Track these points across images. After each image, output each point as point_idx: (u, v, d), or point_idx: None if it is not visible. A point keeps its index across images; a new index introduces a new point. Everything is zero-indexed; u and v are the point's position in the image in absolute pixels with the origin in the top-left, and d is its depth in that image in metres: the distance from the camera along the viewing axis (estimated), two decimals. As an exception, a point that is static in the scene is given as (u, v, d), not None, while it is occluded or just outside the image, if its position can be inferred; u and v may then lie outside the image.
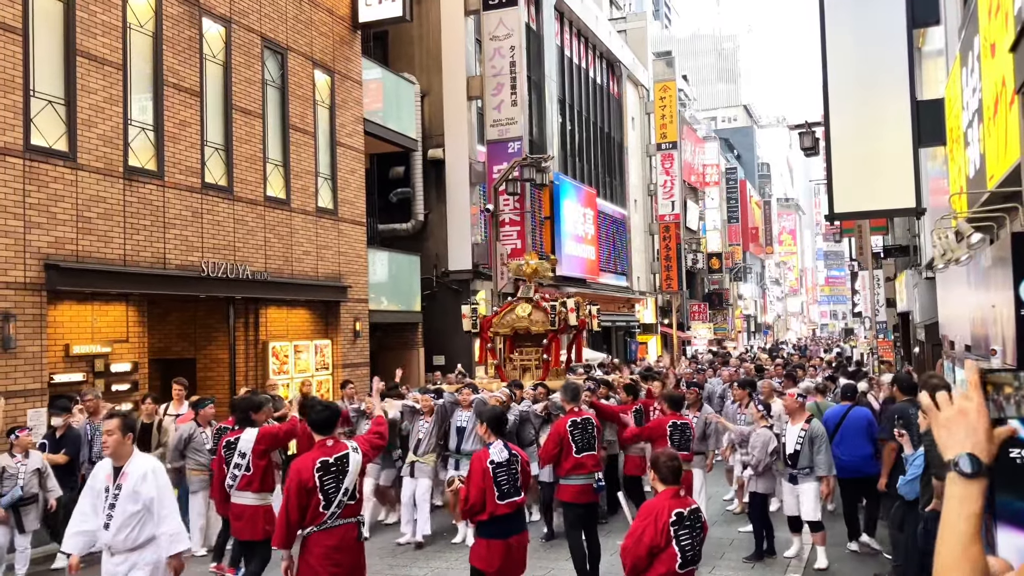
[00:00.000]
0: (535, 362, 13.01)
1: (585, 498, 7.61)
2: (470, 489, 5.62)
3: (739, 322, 56.61)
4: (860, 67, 9.68)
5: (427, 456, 9.67)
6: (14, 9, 9.88)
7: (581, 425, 7.70)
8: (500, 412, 6.18)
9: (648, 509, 4.72)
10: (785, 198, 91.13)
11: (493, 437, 5.88)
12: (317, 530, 5.10)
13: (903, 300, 18.22)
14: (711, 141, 51.64)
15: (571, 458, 7.56)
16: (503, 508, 5.63)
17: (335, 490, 5.15)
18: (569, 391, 8.01)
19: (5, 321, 9.48)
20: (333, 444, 5.30)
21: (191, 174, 12.48)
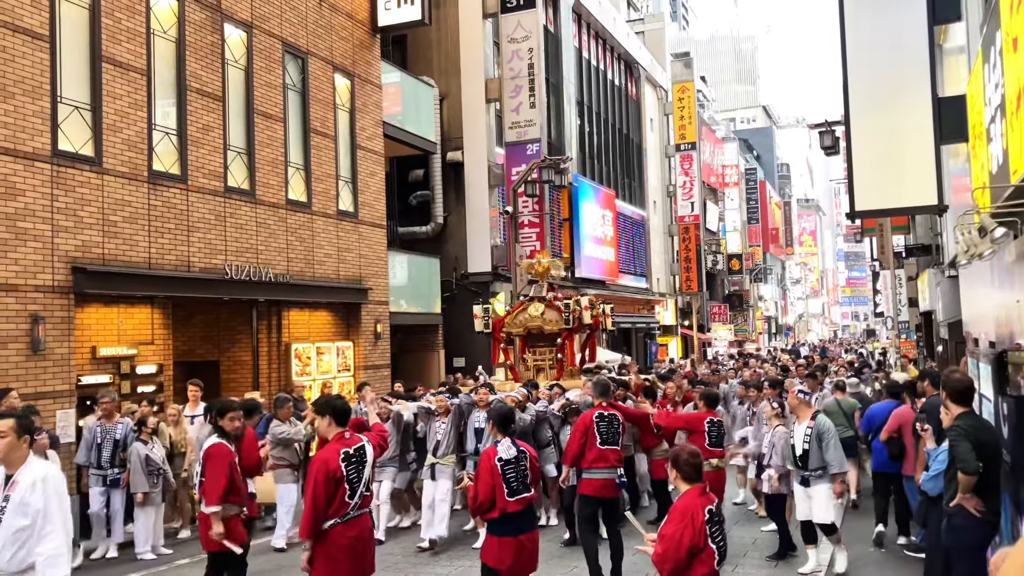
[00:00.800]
0: (549, 362, 12.82)
1: (607, 492, 7.59)
2: (479, 487, 5.63)
3: (760, 324, 56.35)
4: (880, 65, 9.65)
5: (447, 457, 9.56)
6: (41, 16, 10.05)
7: (607, 419, 7.71)
8: (507, 410, 6.16)
9: (682, 511, 4.53)
10: (805, 199, 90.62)
11: (500, 435, 5.87)
12: (340, 522, 5.16)
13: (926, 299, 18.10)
14: (730, 142, 51.47)
15: (595, 449, 7.57)
16: (514, 505, 5.61)
17: (358, 480, 5.27)
18: (599, 387, 8.00)
19: (34, 323, 9.64)
20: (350, 436, 5.42)
21: (214, 178, 12.62)
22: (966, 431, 5.25)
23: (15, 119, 9.65)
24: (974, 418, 5.51)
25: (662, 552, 4.46)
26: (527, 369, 12.92)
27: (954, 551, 5.39)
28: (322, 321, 15.65)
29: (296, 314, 15.01)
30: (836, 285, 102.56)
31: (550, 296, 13.03)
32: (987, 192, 7.12)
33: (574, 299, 12.77)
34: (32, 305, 9.67)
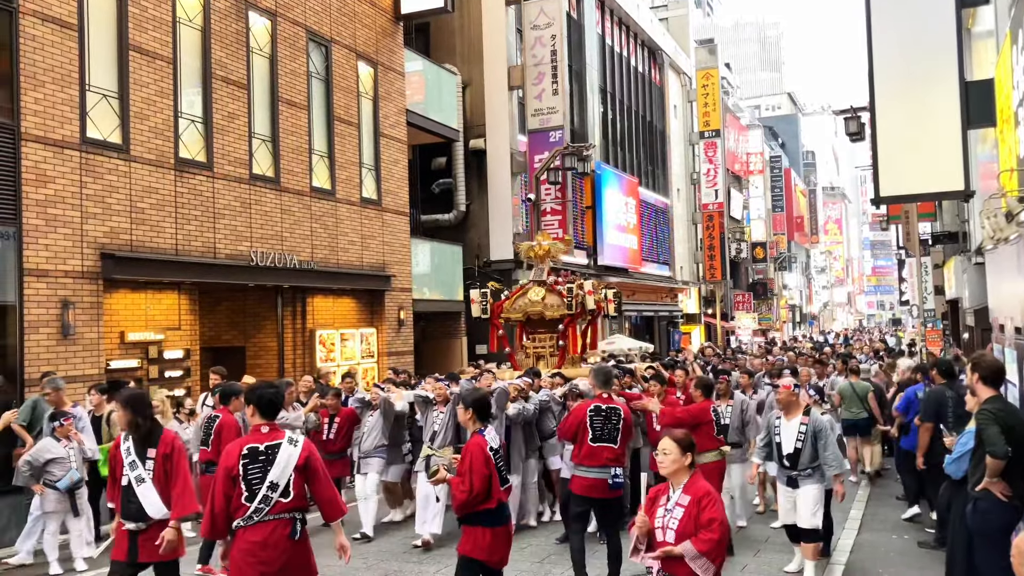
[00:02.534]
0: (550, 349, 12.08)
1: (596, 493, 6.99)
2: (473, 479, 5.20)
3: (784, 312, 55.98)
4: (907, 49, 9.56)
5: (444, 449, 8.86)
6: (70, 6, 10.18)
7: (605, 413, 7.13)
8: (484, 396, 5.73)
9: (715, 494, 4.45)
10: (831, 187, 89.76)
11: (479, 423, 5.46)
12: (243, 525, 4.69)
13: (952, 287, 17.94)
14: (755, 129, 51.06)
15: (585, 445, 7.10)
16: (504, 494, 5.40)
17: (260, 480, 4.69)
18: (601, 375, 7.45)
19: (64, 308, 9.80)
20: (269, 432, 4.85)
21: (239, 165, 12.74)
22: (995, 415, 5.23)
23: (45, 107, 9.80)
24: (1002, 402, 5.48)
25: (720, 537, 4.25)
26: (527, 357, 12.23)
27: (978, 535, 5.38)
28: (346, 308, 15.78)
29: (320, 301, 15.14)
30: (862, 274, 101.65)
31: (551, 280, 12.32)
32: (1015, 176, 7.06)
33: (576, 283, 12.02)
34: (62, 290, 9.84)
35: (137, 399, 5.34)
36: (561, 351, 11.88)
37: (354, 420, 9.64)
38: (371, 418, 9.33)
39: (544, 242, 12.64)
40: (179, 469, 5.26)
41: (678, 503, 4.39)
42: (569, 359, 11.86)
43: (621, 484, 7.12)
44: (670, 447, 4.45)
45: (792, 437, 7.11)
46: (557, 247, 12.80)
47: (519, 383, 9.26)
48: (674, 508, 4.39)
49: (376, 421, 9.26)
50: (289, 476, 4.75)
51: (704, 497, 4.35)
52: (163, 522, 5.16)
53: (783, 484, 7.30)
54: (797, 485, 7.09)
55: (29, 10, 9.67)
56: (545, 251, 12.55)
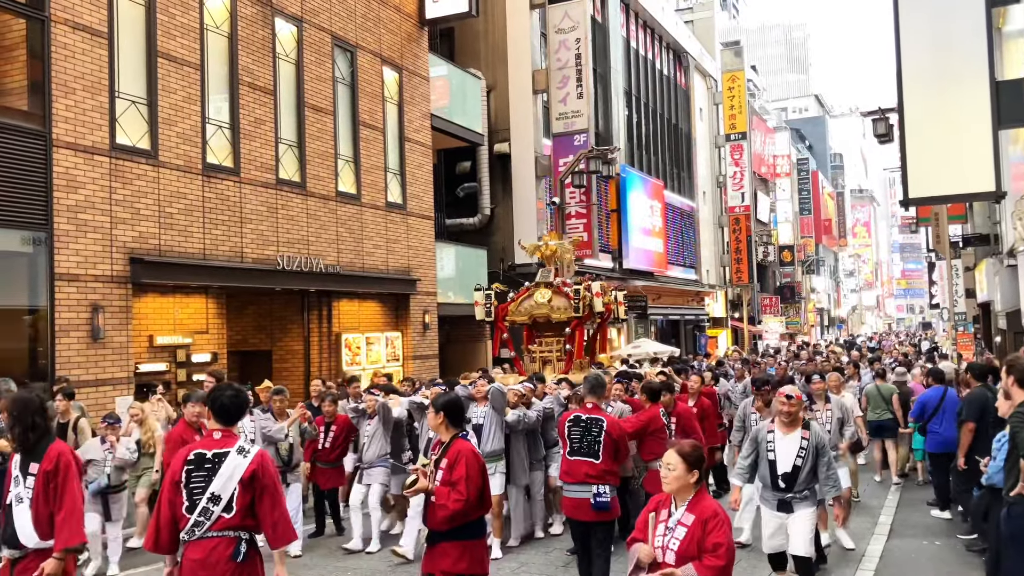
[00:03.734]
0: (556, 354, 11.57)
1: (579, 515, 6.44)
2: (470, 488, 4.70)
3: (812, 316, 55.48)
4: (936, 49, 9.44)
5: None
6: (100, 14, 10.33)
7: (584, 425, 6.59)
8: (456, 399, 5.15)
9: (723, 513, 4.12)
10: (859, 189, 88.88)
11: (453, 428, 4.94)
12: (186, 539, 4.24)
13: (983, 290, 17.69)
14: (781, 131, 50.70)
15: (563, 459, 6.63)
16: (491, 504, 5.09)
17: (202, 491, 4.24)
18: (590, 383, 6.94)
19: (94, 312, 9.93)
20: (221, 438, 4.38)
21: (266, 170, 12.85)
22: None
23: (76, 114, 9.94)
24: (1036, 405, 5.38)
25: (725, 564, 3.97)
26: (532, 361, 11.70)
27: (1011, 540, 5.28)
28: (371, 311, 15.85)
29: (346, 304, 15.23)
30: (891, 277, 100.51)
31: (558, 282, 11.79)
32: (1046, 177, 6.94)
33: (584, 284, 11.49)
34: (92, 295, 9.97)
35: (20, 403, 4.57)
36: (568, 355, 11.37)
37: (351, 428, 9.26)
38: (369, 426, 8.90)
39: (551, 242, 12.16)
40: (65, 490, 4.45)
41: (681, 522, 4.04)
42: (576, 364, 11.34)
43: (606, 504, 6.39)
44: (675, 462, 4.09)
45: (791, 454, 6.17)
46: (564, 247, 12.32)
47: (519, 389, 8.63)
48: (676, 527, 4.04)
49: (376, 429, 8.79)
50: (233, 489, 4.26)
51: (711, 519, 4.00)
52: (44, 551, 4.43)
53: (770, 508, 6.29)
54: (791, 509, 6.15)
55: (60, 19, 9.83)
56: (552, 251, 12.08)
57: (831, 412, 8.51)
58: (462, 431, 4.99)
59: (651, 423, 7.81)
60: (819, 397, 8.62)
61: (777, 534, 6.30)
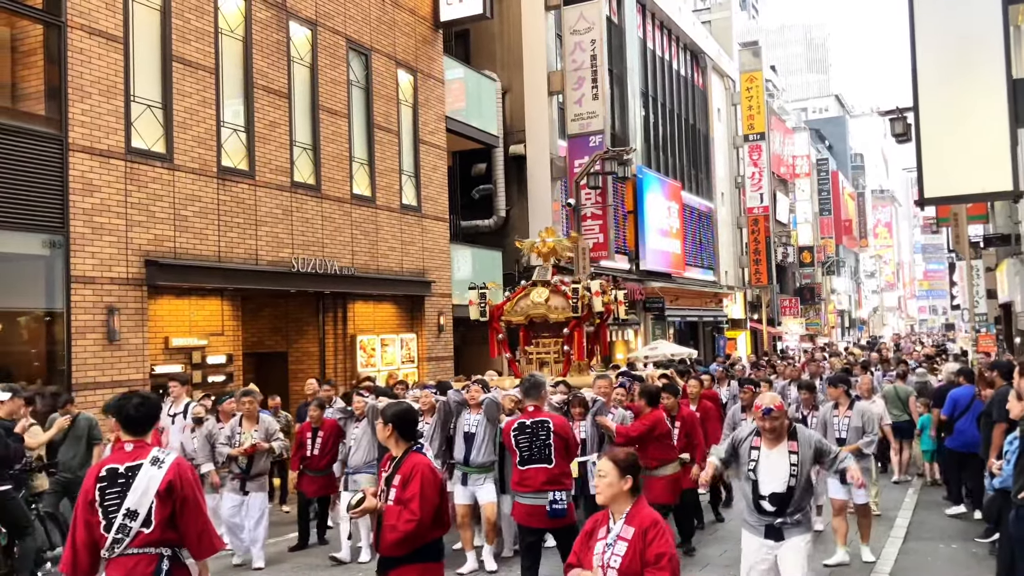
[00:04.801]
0: (554, 355, 11.07)
1: (533, 522, 6.24)
2: (424, 507, 4.31)
3: (832, 317, 55.08)
4: (952, 47, 9.35)
5: None
6: (116, 19, 10.43)
7: (531, 430, 6.30)
8: (407, 409, 4.75)
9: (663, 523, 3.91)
10: (880, 189, 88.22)
11: (403, 442, 4.53)
12: (106, 557, 4.04)
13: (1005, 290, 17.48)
14: (801, 132, 50.40)
15: (515, 469, 6.40)
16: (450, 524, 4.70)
17: (116, 507, 4.03)
18: (525, 384, 6.63)
19: (110, 315, 10.02)
20: (133, 450, 4.16)
21: (281, 173, 12.91)
22: None
23: (91, 118, 10.04)
24: (1047, 408, 5.33)
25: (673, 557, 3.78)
26: (529, 363, 11.21)
27: (1021, 542, 5.22)
28: (386, 313, 15.89)
29: (361, 306, 15.28)
30: (913, 278, 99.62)
31: (556, 280, 11.33)
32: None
33: (583, 283, 11.06)
34: (108, 297, 10.06)
35: None
36: (567, 357, 10.84)
37: (339, 433, 8.93)
38: (357, 430, 8.61)
39: (549, 239, 11.65)
40: None
41: (620, 536, 3.79)
42: (575, 366, 10.88)
43: (563, 511, 6.18)
44: (607, 469, 3.85)
45: (781, 472, 5.20)
46: (563, 244, 11.81)
47: (515, 394, 8.02)
48: (616, 542, 3.79)
49: (364, 433, 8.53)
50: (150, 503, 4.06)
51: (651, 528, 3.76)
52: None
53: (756, 535, 5.29)
54: (781, 536, 5.19)
55: (77, 24, 9.93)
56: (550, 248, 11.58)
57: (850, 419, 8.13)
58: (415, 444, 4.60)
59: (656, 427, 7.71)
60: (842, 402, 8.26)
61: (762, 566, 5.26)
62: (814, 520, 8.84)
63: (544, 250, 11.59)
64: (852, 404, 8.27)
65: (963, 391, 9.96)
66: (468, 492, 7.91)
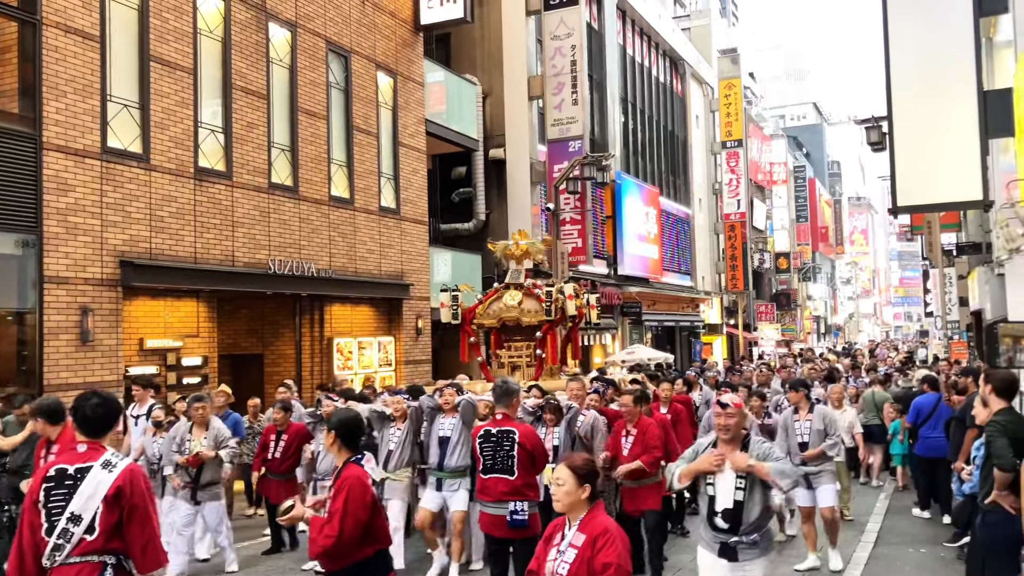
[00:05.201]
0: (527, 359, 10.89)
1: (496, 531, 6.16)
2: (345, 522, 4.12)
3: (808, 323, 55.53)
4: (925, 58, 9.48)
5: (400, 472, 7.94)
6: (92, 17, 10.35)
7: (496, 439, 6.18)
8: (353, 417, 4.58)
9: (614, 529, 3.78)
10: (857, 197, 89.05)
11: (345, 451, 4.38)
12: (48, 565, 3.82)
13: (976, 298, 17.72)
14: (778, 139, 50.77)
15: (478, 478, 6.29)
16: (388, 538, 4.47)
17: (60, 510, 3.82)
18: (496, 390, 6.45)
19: (84, 315, 9.94)
20: (86, 451, 3.97)
21: (258, 174, 12.86)
22: (1004, 427, 5.18)
23: (67, 117, 9.96)
24: (1013, 414, 5.42)
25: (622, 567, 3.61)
26: (501, 367, 11.02)
27: (989, 547, 5.31)
28: (364, 316, 15.86)
29: (338, 309, 15.23)
30: (889, 285, 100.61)
31: (529, 283, 11.14)
32: (1030, 186, 6.98)
33: (557, 287, 10.91)
34: (82, 297, 9.97)
35: None
36: (539, 361, 10.66)
37: (304, 437, 8.83)
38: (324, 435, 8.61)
39: (522, 241, 11.42)
40: None
41: (571, 543, 3.68)
42: (547, 370, 10.70)
43: (524, 522, 6.03)
44: (565, 476, 3.73)
45: (730, 486, 4.83)
46: (536, 247, 11.53)
47: (488, 399, 7.82)
48: (567, 550, 3.68)
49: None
50: (96, 508, 3.83)
51: (601, 536, 3.62)
52: None
53: (710, 552, 4.92)
54: (735, 557, 4.79)
55: (52, 22, 9.85)
56: (523, 251, 11.34)
57: (811, 422, 8.04)
58: (357, 455, 4.40)
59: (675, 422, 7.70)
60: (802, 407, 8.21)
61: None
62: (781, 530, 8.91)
63: (517, 252, 11.37)
64: (812, 408, 8.22)
65: (927, 398, 10.28)
66: (439, 498, 7.63)
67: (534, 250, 11.45)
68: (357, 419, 4.60)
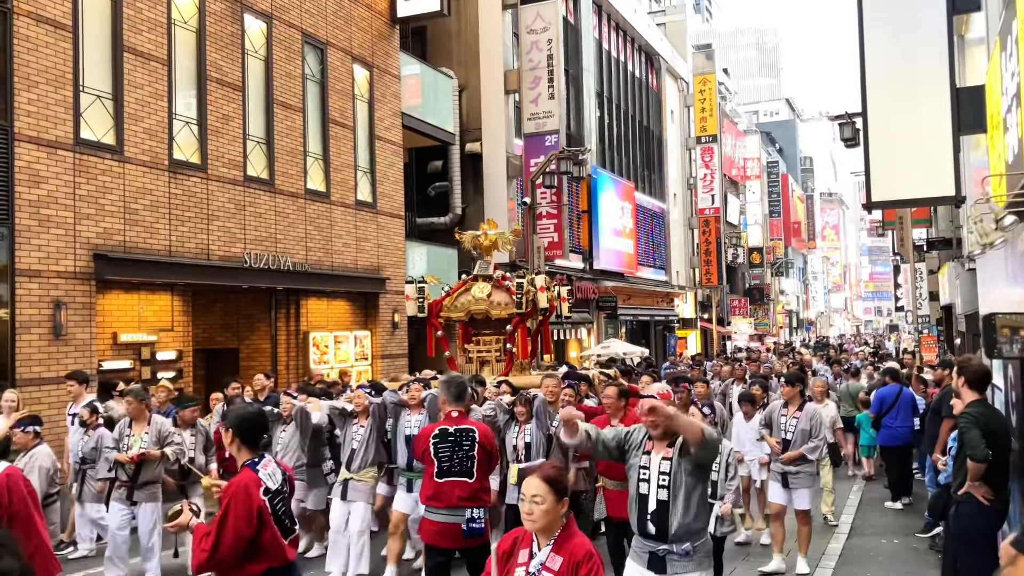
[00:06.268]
0: (496, 354, 10.49)
1: (444, 541, 5.57)
2: (223, 535, 3.70)
3: (780, 317, 56.07)
4: (898, 54, 9.59)
5: (364, 472, 7.42)
6: (64, 7, 10.20)
7: (454, 438, 5.64)
8: (254, 413, 4.11)
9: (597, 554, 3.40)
10: (828, 193, 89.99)
11: (245, 451, 3.94)
12: None
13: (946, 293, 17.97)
14: (752, 134, 51.18)
15: (430, 481, 5.65)
16: (293, 551, 3.99)
17: None
18: (452, 388, 5.91)
19: (56, 309, 9.81)
20: None
21: (233, 167, 12.75)
22: (977, 418, 5.26)
23: (39, 108, 9.81)
24: (985, 406, 5.51)
25: None
26: (469, 361, 10.65)
27: (962, 538, 5.40)
28: (340, 310, 15.78)
29: (314, 303, 15.15)
30: (859, 280, 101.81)
31: (498, 275, 10.75)
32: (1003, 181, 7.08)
33: (528, 278, 10.50)
34: (54, 291, 9.85)
35: None
36: (509, 355, 10.27)
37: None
38: (284, 433, 8.06)
39: (491, 231, 11.04)
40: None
41: (546, 566, 3.25)
42: (518, 364, 10.35)
43: (480, 530, 5.58)
44: (543, 492, 3.22)
45: (654, 483, 4.25)
46: (505, 237, 11.21)
47: None
48: (540, 572, 3.25)
49: (292, 436, 8.06)
50: None
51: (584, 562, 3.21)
52: None
53: (639, 564, 4.31)
54: (664, 570, 4.20)
55: (24, 11, 9.69)
56: (492, 241, 10.95)
57: (798, 420, 7.72)
58: (256, 456, 3.95)
59: None
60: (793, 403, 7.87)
61: None
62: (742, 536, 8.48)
63: (486, 243, 10.98)
64: (803, 406, 7.86)
65: (888, 390, 10.85)
66: (412, 499, 7.09)
67: (503, 240, 11.10)
68: (258, 415, 4.14)
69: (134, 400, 7.33)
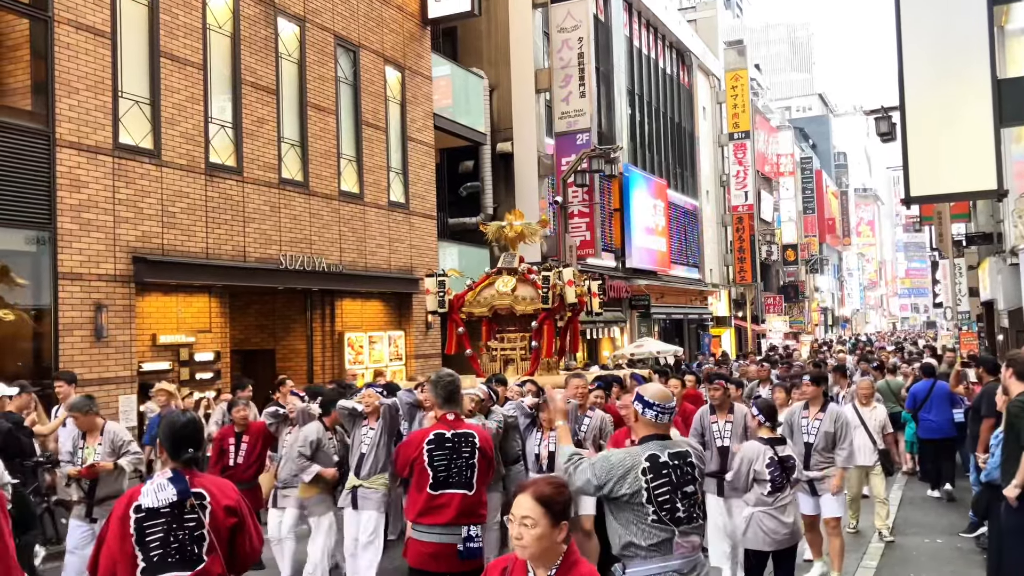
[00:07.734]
0: (521, 351, 9.81)
1: (437, 565, 4.89)
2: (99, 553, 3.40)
3: (815, 315, 55.45)
4: (938, 47, 9.44)
5: (375, 479, 6.67)
6: (103, 14, 10.37)
7: (452, 444, 5.00)
8: (186, 423, 3.64)
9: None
10: (863, 188, 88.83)
11: (170, 462, 3.55)
12: None
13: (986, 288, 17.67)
14: (785, 130, 50.66)
15: (424, 493, 4.94)
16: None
17: None
18: (440, 388, 5.22)
19: (98, 311, 9.97)
20: None
21: (268, 170, 12.87)
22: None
23: (79, 113, 9.98)
24: (1034, 396, 5.41)
25: None
26: (492, 359, 10.01)
27: (1009, 531, 5.30)
28: (374, 310, 15.88)
29: (349, 303, 15.26)
30: (895, 276, 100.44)
31: (523, 268, 10.07)
32: (1047, 174, 6.94)
33: (555, 272, 9.73)
34: (95, 294, 10.01)
35: None
36: (534, 353, 9.58)
37: (268, 439, 7.75)
38: (289, 436, 7.44)
39: (516, 222, 10.38)
40: None
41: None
42: (543, 363, 9.67)
43: (478, 550, 4.96)
44: (537, 515, 2.75)
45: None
46: (532, 228, 10.54)
47: (476, 393, 6.90)
48: None
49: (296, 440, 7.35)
50: None
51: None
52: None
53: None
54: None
55: (64, 19, 9.86)
56: (517, 232, 10.31)
57: (820, 422, 7.14)
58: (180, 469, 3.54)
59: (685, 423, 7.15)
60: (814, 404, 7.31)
61: None
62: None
63: (511, 234, 10.31)
64: (825, 406, 7.32)
65: (921, 385, 11.07)
66: None
67: (529, 231, 10.43)
68: (188, 425, 3.63)
69: (79, 414, 6.59)
